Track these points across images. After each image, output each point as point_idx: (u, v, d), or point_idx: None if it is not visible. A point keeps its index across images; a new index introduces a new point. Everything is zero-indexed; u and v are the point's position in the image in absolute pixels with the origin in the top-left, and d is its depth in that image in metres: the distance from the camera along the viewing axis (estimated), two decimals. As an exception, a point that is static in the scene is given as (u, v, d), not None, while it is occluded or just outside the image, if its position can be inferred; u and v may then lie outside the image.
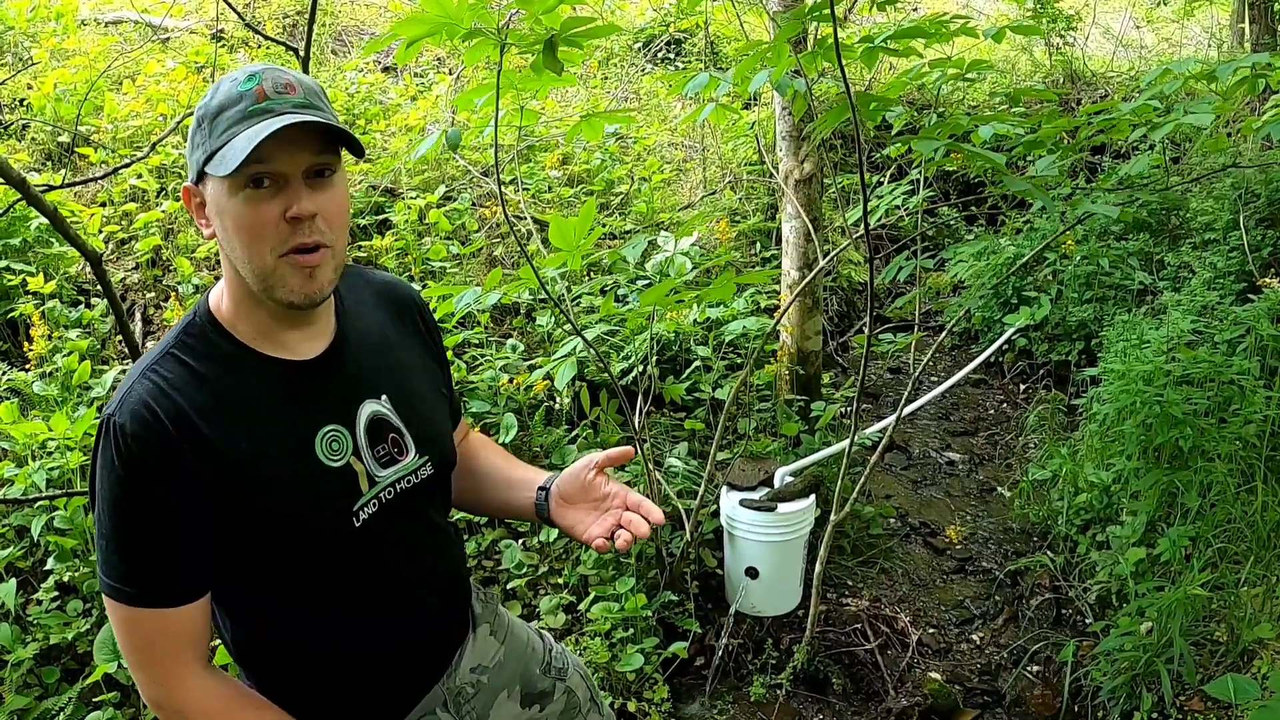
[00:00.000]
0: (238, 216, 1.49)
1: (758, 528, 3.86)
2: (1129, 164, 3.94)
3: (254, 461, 1.55)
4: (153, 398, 1.50)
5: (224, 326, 1.61)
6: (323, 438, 1.63)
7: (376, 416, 1.71)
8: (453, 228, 5.55)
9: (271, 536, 1.58)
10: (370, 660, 1.76)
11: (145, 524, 1.51)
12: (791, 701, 3.77)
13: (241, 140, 1.44)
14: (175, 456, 1.49)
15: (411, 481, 1.75)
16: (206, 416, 1.52)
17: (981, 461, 5.69)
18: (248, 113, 1.47)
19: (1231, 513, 3.88)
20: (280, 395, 1.61)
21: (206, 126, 1.50)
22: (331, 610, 1.69)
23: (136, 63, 6.90)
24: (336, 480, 1.64)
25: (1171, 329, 4.79)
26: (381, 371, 1.75)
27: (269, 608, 1.67)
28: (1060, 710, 3.71)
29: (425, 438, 1.78)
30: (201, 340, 1.59)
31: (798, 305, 4.80)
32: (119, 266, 5.19)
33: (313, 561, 1.64)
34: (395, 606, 1.75)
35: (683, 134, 7.67)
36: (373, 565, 1.70)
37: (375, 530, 1.68)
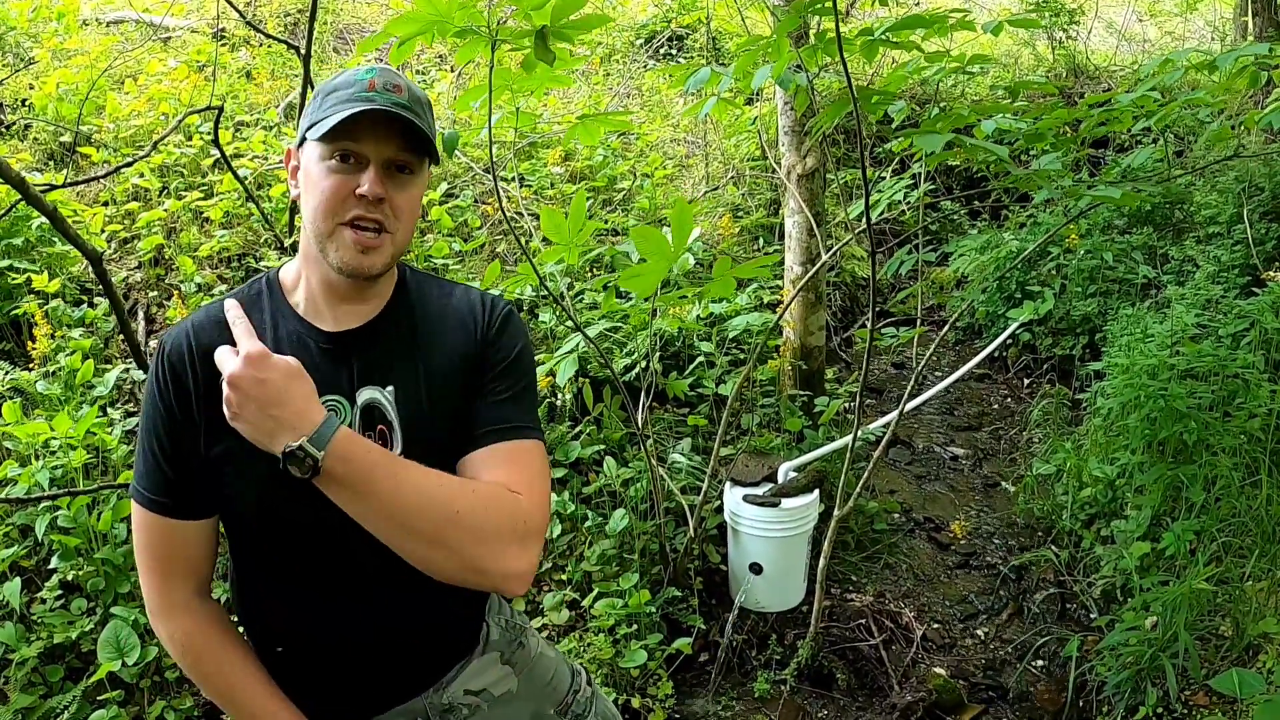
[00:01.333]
0: (318, 180, 1.65)
1: (761, 523, 3.86)
2: (1132, 155, 3.92)
3: None
4: (197, 327, 1.71)
5: (280, 291, 1.79)
6: (325, 403, 1.63)
7: (372, 403, 1.74)
8: (455, 225, 5.54)
9: (251, 475, 1.64)
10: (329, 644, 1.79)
11: (158, 433, 1.68)
12: (796, 697, 3.76)
13: (338, 115, 1.61)
14: (192, 383, 1.66)
15: None
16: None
17: (985, 456, 5.68)
18: (354, 96, 1.63)
19: (1236, 507, 3.87)
20: (300, 353, 1.65)
21: (319, 100, 1.69)
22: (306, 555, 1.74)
23: (138, 62, 6.90)
24: None
25: (1175, 323, 4.78)
26: (400, 367, 1.76)
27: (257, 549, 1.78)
28: (1065, 705, 3.70)
29: (416, 441, 1.75)
30: (254, 296, 1.78)
31: (801, 300, 4.79)
32: (121, 265, 5.18)
33: (291, 529, 1.71)
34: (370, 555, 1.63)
35: (685, 130, 7.65)
36: (344, 562, 1.73)
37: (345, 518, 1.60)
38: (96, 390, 4.16)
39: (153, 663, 3.31)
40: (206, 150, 5.72)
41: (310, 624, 1.77)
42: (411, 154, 1.69)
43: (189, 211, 5.31)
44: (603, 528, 3.90)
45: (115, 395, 4.25)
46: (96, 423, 3.78)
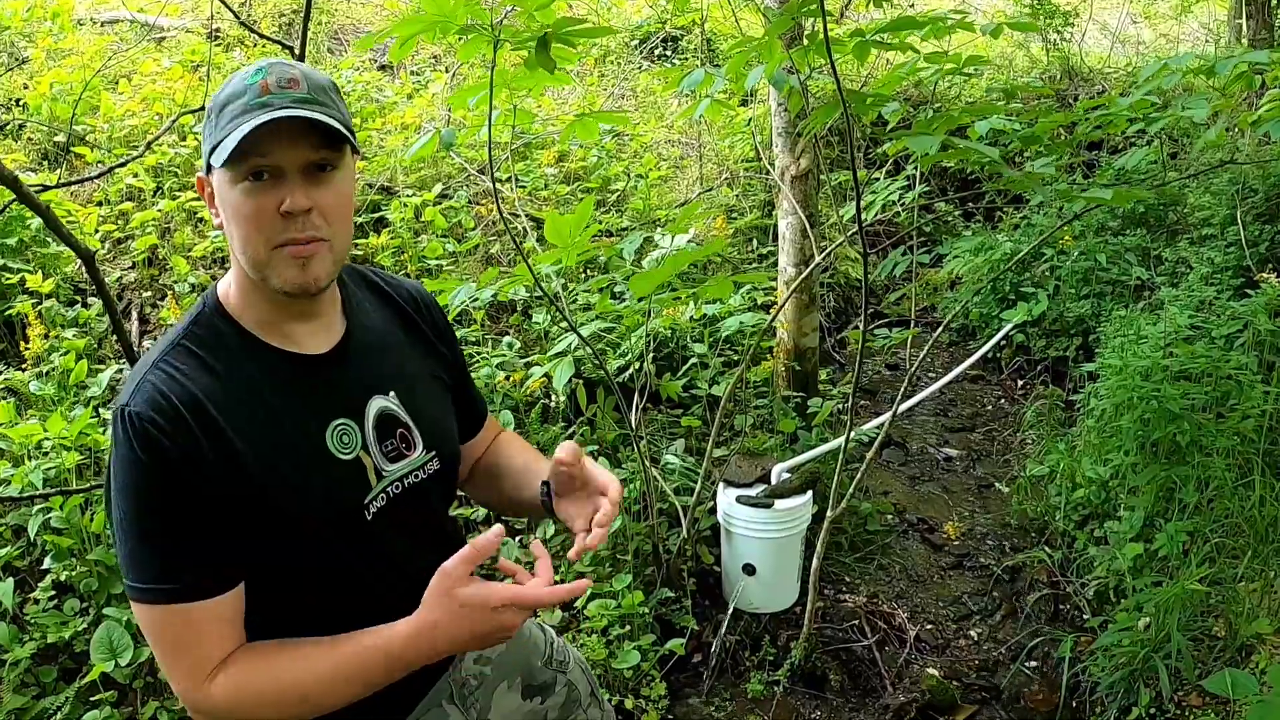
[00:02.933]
0: (236, 207, 1.51)
1: (755, 524, 3.86)
2: (1125, 157, 3.92)
3: (268, 450, 1.54)
4: (166, 385, 1.49)
5: (232, 316, 1.61)
6: (333, 430, 1.63)
7: (385, 412, 1.71)
8: (449, 225, 5.54)
9: (284, 527, 1.56)
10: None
11: (165, 515, 1.48)
12: (789, 698, 3.76)
13: (238, 134, 1.45)
14: (192, 441, 1.47)
15: (419, 477, 1.75)
16: (220, 404, 1.51)
17: (979, 457, 5.69)
18: (249, 106, 1.48)
19: (1229, 507, 3.87)
20: (290, 388, 1.61)
21: (214, 118, 1.53)
22: (340, 605, 1.66)
23: (133, 62, 6.89)
24: (347, 472, 1.63)
25: (1169, 324, 4.78)
26: (388, 369, 1.76)
27: (278, 604, 1.62)
28: (1058, 706, 3.71)
29: (433, 434, 1.79)
30: (210, 330, 1.59)
31: (794, 301, 4.79)
32: (115, 266, 5.17)
33: (324, 553, 1.62)
34: (403, 600, 1.64)
35: (679, 131, 7.66)
36: (382, 559, 1.70)
37: (385, 524, 1.68)
38: (90, 391, 4.15)
39: (146, 663, 3.28)
40: (200, 150, 5.71)
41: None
42: (329, 150, 1.55)
43: (183, 212, 5.30)
44: (596, 528, 3.89)
45: (108, 395, 4.24)
46: (90, 423, 3.77)
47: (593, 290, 4.62)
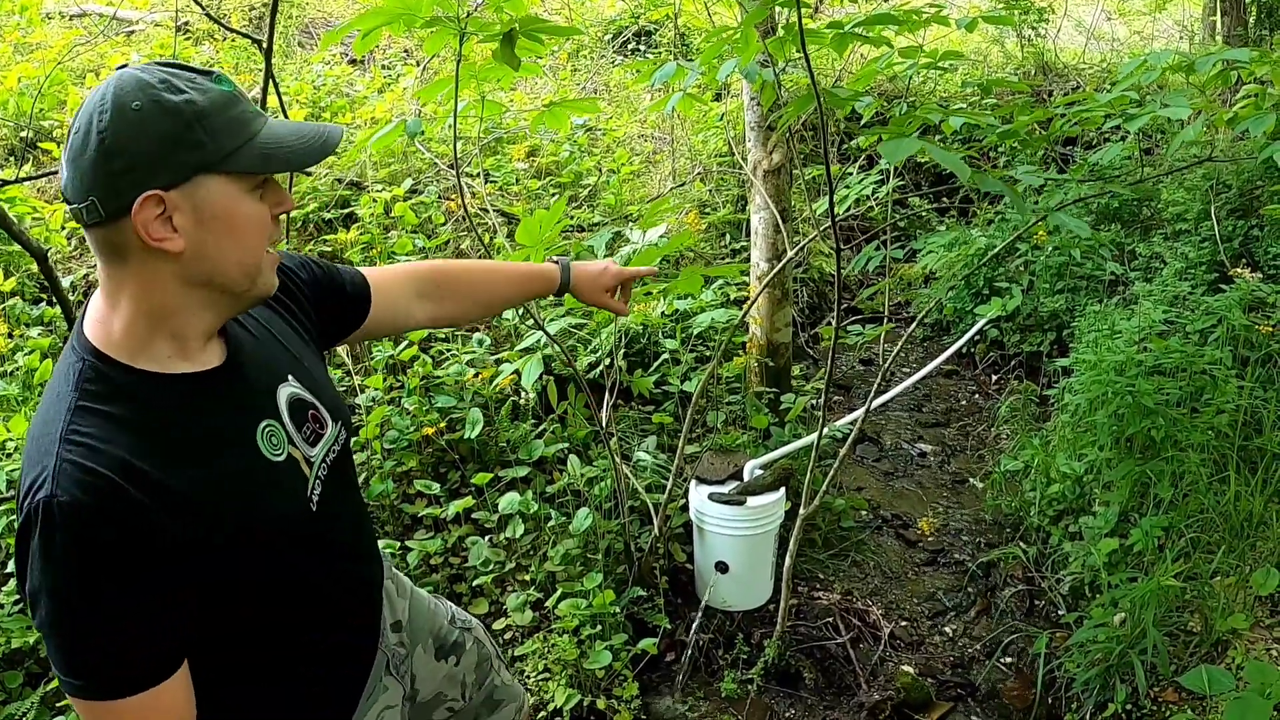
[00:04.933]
0: (250, 215, 1.46)
1: (727, 522, 3.82)
2: (1101, 152, 3.90)
3: (209, 484, 1.46)
4: (87, 459, 1.35)
5: (121, 362, 1.45)
6: (262, 434, 1.59)
7: (294, 398, 1.69)
8: (419, 221, 5.48)
9: (243, 549, 1.51)
10: (338, 642, 1.81)
11: (113, 607, 1.36)
12: (763, 697, 3.72)
13: (291, 140, 1.47)
14: (137, 512, 1.36)
15: (335, 451, 1.76)
16: (146, 458, 1.39)
17: (953, 453, 5.66)
18: (254, 113, 1.46)
19: (1204, 502, 3.86)
20: (205, 409, 1.52)
21: (210, 122, 1.41)
22: (301, 603, 1.68)
23: (101, 56, 6.81)
24: (286, 473, 1.62)
25: (1143, 319, 4.77)
26: (277, 354, 1.72)
27: (238, 624, 1.59)
28: (1034, 702, 3.68)
29: (334, 405, 1.79)
30: (103, 383, 1.43)
31: (767, 297, 4.75)
32: (82, 263, 5.10)
33: (283, 558, 1.60)
34: (352, 581, 1.81)
35: (652, 126, 7.62)
36: (331, 544, 1.73)
37: (326, 509, 1.69)
38: (54, 390, 4.07)
39: None
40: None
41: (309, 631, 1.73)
42: None
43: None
44: (566, 527, 3.85)
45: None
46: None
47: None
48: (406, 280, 2.11)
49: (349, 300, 1.97)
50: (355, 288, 1.98)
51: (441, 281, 2.16)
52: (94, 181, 1.36)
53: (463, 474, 4.15)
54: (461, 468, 4.19)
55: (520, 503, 3.86)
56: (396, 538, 3.94)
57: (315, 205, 5.55)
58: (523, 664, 3.63)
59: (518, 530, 3.87)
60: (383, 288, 2.03)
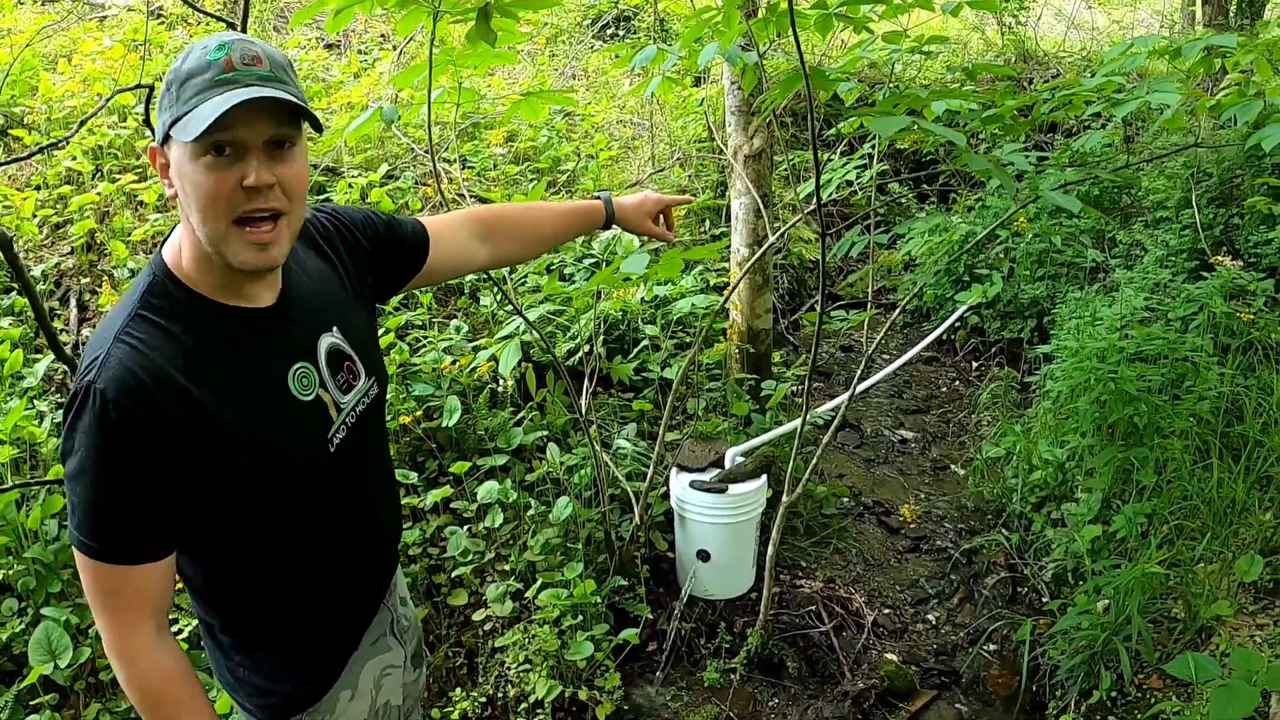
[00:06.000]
0: (197, 182, 1.54)
1: (708, 510, 3.79)
2: (1083, 139, 3.88)
3: (237, 408, 1.63)
4: (133, 361, 1.53)
5: (185, 283, 1.64)
6: (294, 375, 1.73)
7: (334, 348, 1.83)
8: (395, 207, 5.42)
9: (259, 476, 1.67)
10: (342, 580, 1.93)
11: (121, 489, 1.56)
12: (746, 686, 3.70)
13: (206, 108, 1.49)
14: (161, 417, 1.53)
15: (365, 403, 1.89)
16: (186, 372, 1.57)
17: (935, 439, 5.65)
18: (214, 81, 1.52)
19: (1187, 489, 3.85)
20: (249, 342, 1.68)
21: (174, 91, 1.55)
22: (311, 538, 1.82)
23: (73, 41, 6.72)
24: (311, 413, 1.76)
25: (1125, 306, 4.76)
26: (326, 305, 1.85)
27: (250, 549, 1.76)
28: (1018, 690, 3.66)
29: (371, 361, 1.93)
30: (166, 299, 1.62)
31: (747, 283, 4.71)
32: (54, 251, 5.01)
33: (296, 492, 1.75)
34: (364, 522, 1.93)
35: (631, 111, 7.57)
36: (348, 485, 1.86)
37: (347, 452, 1.83)
38: (26, 381, 4.00)
39: (86, 664, 3.22)
40: (141, 132, 5.55)
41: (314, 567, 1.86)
42: (290, 127, 1.60)
43: (122, 194, 5.14)
44: (546, 516, 3.81)
45: (44, 387, 4.10)
46: (24, 416, 3.65)
47: (539, 270, 4.52)
48: (463, 225, 2.23)
49: (410, 249, 2.09)
50: (416, 236, 2.10)
51: (497, 224, 2.29)
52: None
53: (441, 463, 4.09)
54: (439, 457, 4.14)
55: (499, 491, 3.81)
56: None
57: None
58: (503, 655, 3.59)
59: (497, 520, 3.82)
60: (441, 235, 2.15)
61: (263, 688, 1.87)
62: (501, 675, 3.58)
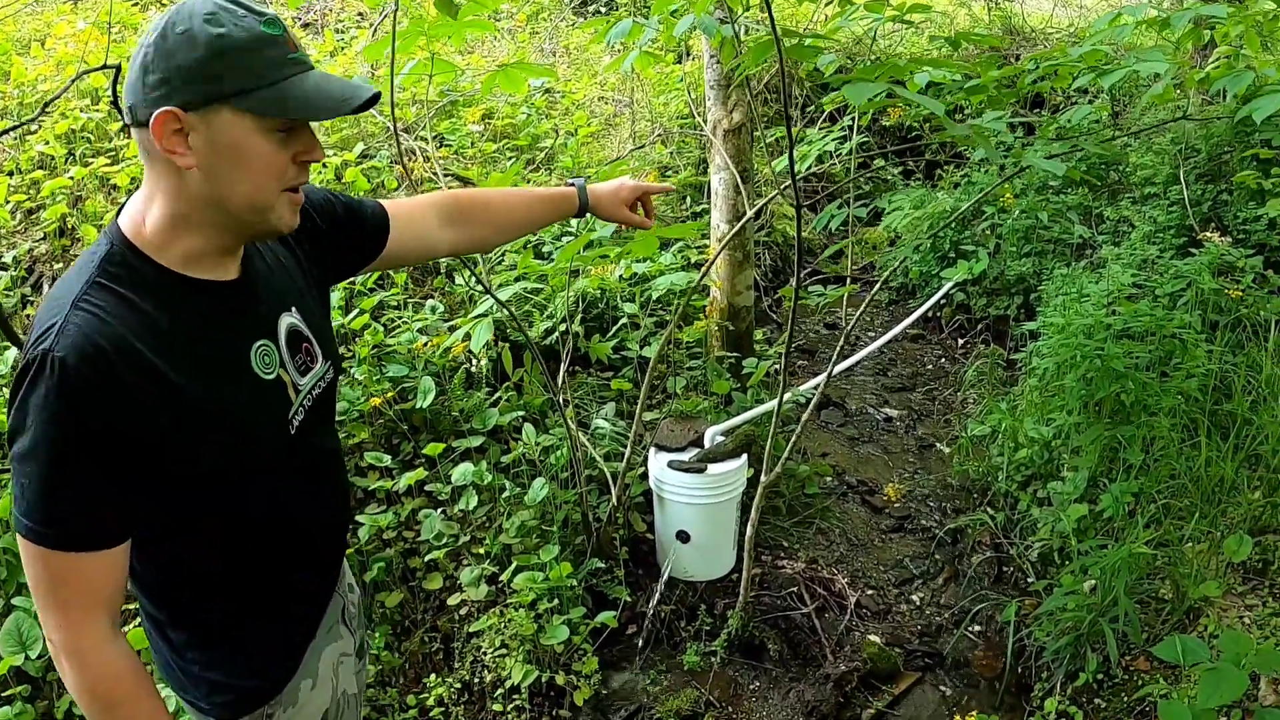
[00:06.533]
0: (262, 155, 1.53)
1: (687, 490, 3.72)
2: (1069, 113, 3.81)
3: (199, 383, 1.57)
4: (93, 329, 1.46)
5: (146, 254, 1.58)
6: (256, 352, 1.69)
7: (293, 328, 1.79)
8: (371, 186, 5.33)
9: (233, 455, 1.64)
10: (308, 564, 1.91)
11: (81, 465, 1.48)
12: (727, 669, 3.64)
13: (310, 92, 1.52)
14: (123, 386, 1.47)
15: (321, 386, 1.86)
16: (148, 343, 1.51)
17: (920, 417, 5.58)
18: (289, 60, 1.52)
19: (1175, 468, 3.79)
20: (212, 317, 1.63)
21: (232, 58, 1.48)
22: (280, 521, 1.79)
23: (48, 26, 6.62)
24: (272, 392, 1.72)
25: (1112, 282, 4.70)
26: (284, 284, 1.82)
27: (208, 531, 1.70)
28: (1003, 671, 3.60)
29: (327, 344, 1.90)
30: (126, 268, 1.56)
31: (728, 259, 4.64)
32: (27, 237, 4.93)
33: (266, 475, 1.72)
34: (319, 508, 1.90)
35: (611, 88, 7.48)
36: (313, 469, 1.85)
37: (305, 434, 1.79)
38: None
39: None
40: (114, 114, 5.45)
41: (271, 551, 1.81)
42: None
43: (95, 178, 5.05)
44: (522, 498, 3.74)
45: (8, 379, 4.01)
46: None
47: (515, 248, 4.43)
48: (430, 209, 2.19)
49: (368, 231, 2.05)
50: (375, 219, 2.06)
51: (463, 209, 2.25)
52: (134, 90, 1.50)
53: (416, 445, 4.02)
54: (414, 438, 4.06)
55: (474, 474, 3.74)
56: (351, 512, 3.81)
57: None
58: (479, 640, 3.52)
59: (471, 502, 3.75)
60: (404, 218, 2.12)
61: (219, 683, 1.81)
62: (478, 660, 3.52)
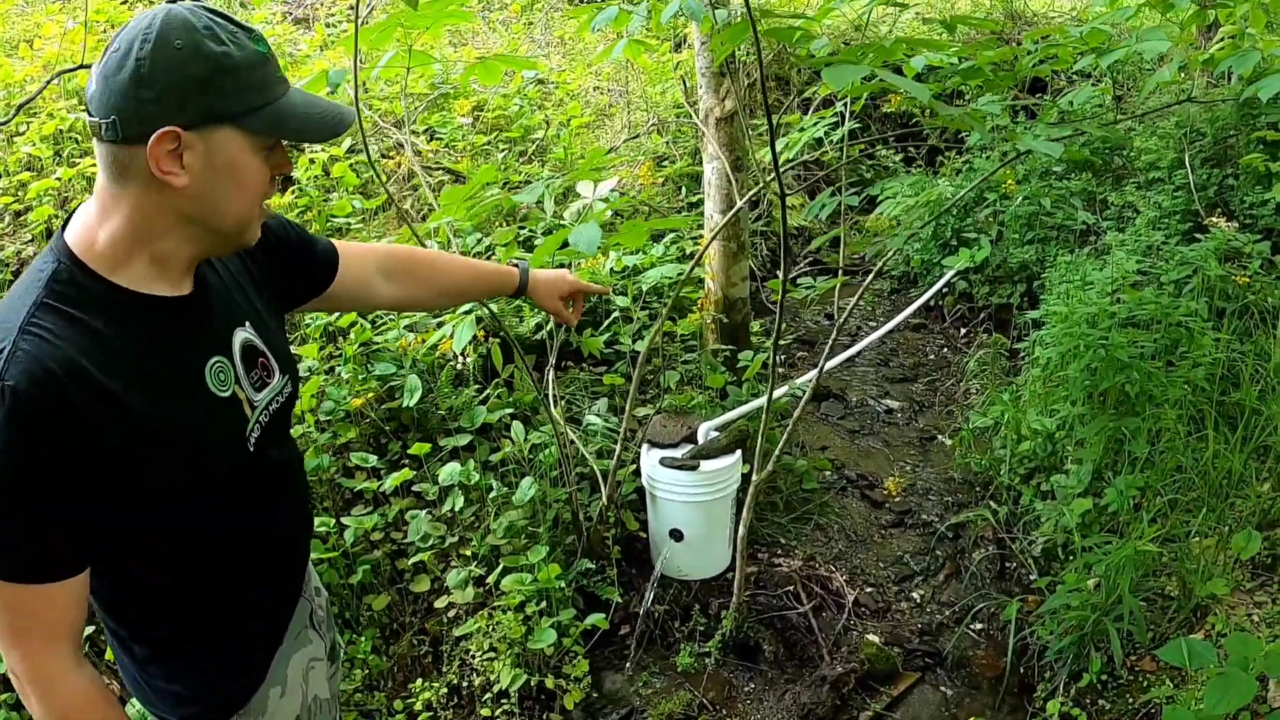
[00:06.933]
0: (253, 172, 1.54)
1: (680, 487, 3.64)
2: (1071, 94, 3.71)
3: (153, 403, 1.52)
4: (42, 353, 1.41)
5: (97, 271, 1.52)
6: (211, 369, 1.65)
7: (248, 343, 1.75)
8: (361, 182, 5.24)
9: (187, 472, 1.59)
10: (266, 580, 1.87)
11: (32, 489, 1.42)
12: (721, 670, 3.56)
13: (303, 113, 1.55)
14: (72, 408, 1.41)
15: (278, 402, 1.82)
16: (100, 365, 1.45)
17: (921, 409, 5.49)
18: (278, 78, 1.54)
19: (1181, 460, 3.69)
20: (164, 333, 1.58)
21: (235, 77, 1.48)
22: (236, 537, 1.74)
23: (36, 26, 6.56)
24: (228, 409, 1.68)
25: (1116, 270, 4.60)
26: (238, 300, 1.79)
27: (173, 545, 1.66)
28: (1005, 671, 3.51)
29: (284, 359, 1.86)
30: (74, 286, 1.50)
31: (723, 250, 4.53)
32: (14, 240, 4.84)
33: (221, 492, 1.67)
34: (276, 522, 1.86)
35: (606, 78, 7.39)
36: (271, 486, 1.81)
37: (263, 453, 1.75)
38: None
39: None
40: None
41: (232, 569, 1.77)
42: None
43: (82, 179, 4.96)
44: (510, 497, 3.65)
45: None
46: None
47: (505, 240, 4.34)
48: (374, 257, 2.19)
49: (319, 265, 2.04)
50: (326, 255, 2.06)
51: (408, 264, 2.25)
52: (121, 103, 1.42)
53: (404, 444, 3.93)
54: (403, 438, 3.97)
55: (461, 473, 3.65)
56: (337, 513, 3.71)
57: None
58: (467, 643, 3.44)
59: (458, 503, 3.66)
60: (351, 260, 2.11)
61: (183, 696, 1.78)
62: (466, 664, 3.43)
